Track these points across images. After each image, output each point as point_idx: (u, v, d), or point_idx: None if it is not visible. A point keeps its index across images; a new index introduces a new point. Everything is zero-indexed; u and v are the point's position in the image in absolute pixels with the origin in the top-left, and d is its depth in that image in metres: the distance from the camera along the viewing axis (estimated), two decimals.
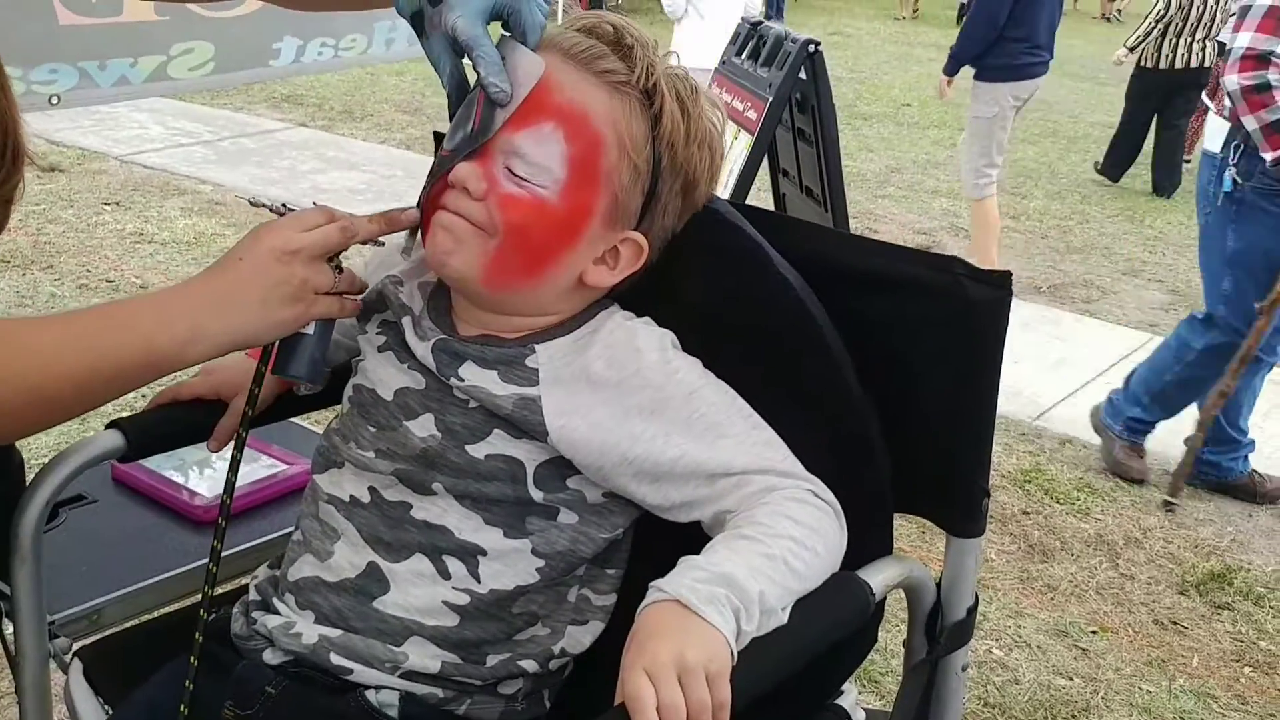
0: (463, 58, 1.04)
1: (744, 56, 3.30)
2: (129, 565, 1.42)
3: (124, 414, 1.26)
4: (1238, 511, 3.41)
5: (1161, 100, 7.35)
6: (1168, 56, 7.12)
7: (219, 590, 1.38)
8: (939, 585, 1.12)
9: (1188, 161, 8.30)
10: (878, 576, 1.04)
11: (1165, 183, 7.55)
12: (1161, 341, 3.54)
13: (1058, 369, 4.42)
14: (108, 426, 1.22)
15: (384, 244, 1.27)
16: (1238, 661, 2.66)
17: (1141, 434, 3.54)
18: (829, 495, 1.03)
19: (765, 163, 3.22)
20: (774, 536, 0.95)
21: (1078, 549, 3.13)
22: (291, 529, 1.50)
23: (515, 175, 1.01)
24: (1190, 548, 3.18)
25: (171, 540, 1.49)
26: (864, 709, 1.26)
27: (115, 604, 1.36)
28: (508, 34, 1.03)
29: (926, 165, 7.71)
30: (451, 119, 1.06)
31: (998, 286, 1.01)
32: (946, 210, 6.57)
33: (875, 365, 1.08)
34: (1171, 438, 3.55)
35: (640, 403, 1.04)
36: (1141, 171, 8.16)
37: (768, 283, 1.08)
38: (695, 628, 0.85)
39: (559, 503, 1.07)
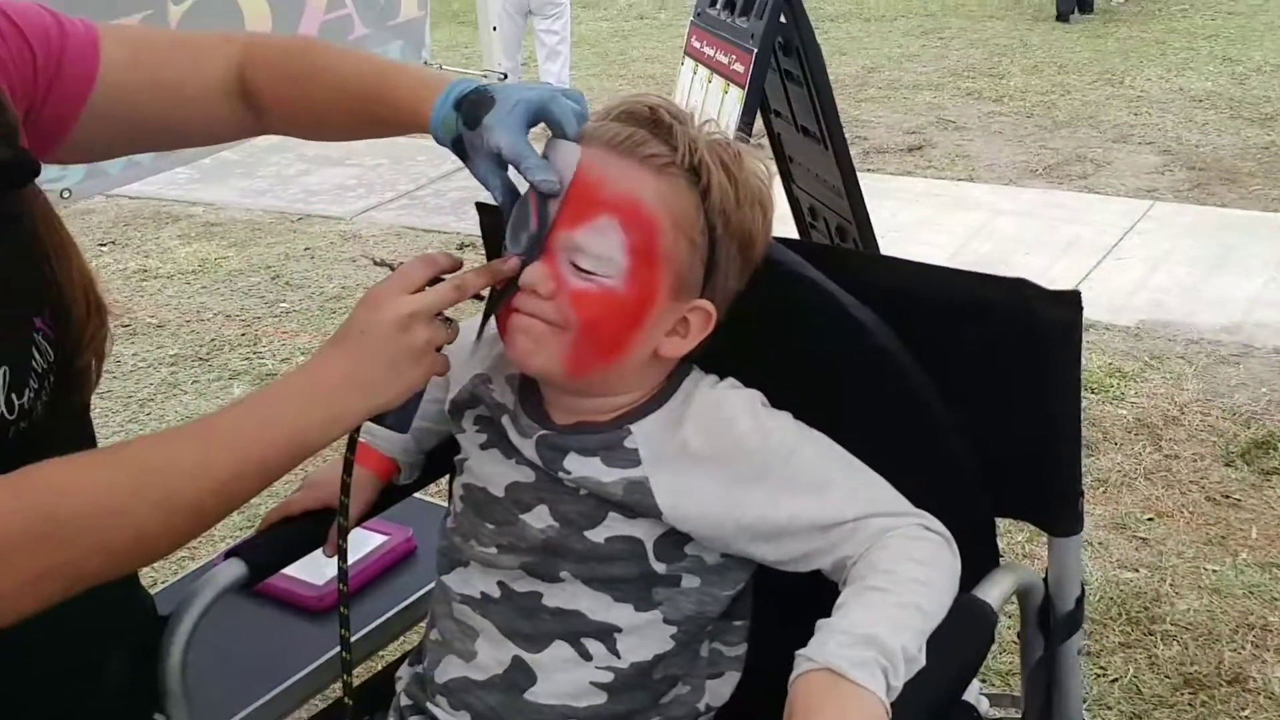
0: (507, 170, 1.08)
1: (719, 7, 3.29)
2: (261, 669, 1.47)
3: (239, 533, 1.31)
4: (1268, 372, 3.46)
5: None
6: None
7: (358, 682, 1.44)
8: (1045, 581, 1.18)
9: None
10: (994, 591, 1.10)
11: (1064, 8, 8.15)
12: None
13: (1069, 252, 4.45)
14: (227, 555, 1.27)
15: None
16: None
17: None
18: (938, 526, 1.09)
19: None
20: (901, 583, 1.01)
21: (1119, 437, 3.18)
22: (409, 599, 1.58)
23: (580, 270, 1.06)
24: (1229, 417, 3.23)
25: (292, 635, 1.54)
26: (984, 695, 1.33)
27: (260, 713, 1.42)
28: (549, 134, 1.07)
29: (901, 60, 7.66)
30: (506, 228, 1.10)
31: (1069, 306, 1.05)
32: (931, 104, 6.54)
33: (957, 388, 1.13)
34: None
35: (743, 472, 1.09)
36: (1115, 28, 8.09)
37: (843, 329, 1.13)
38: (850, 694, 0.92)
39: (680, 570, 1.12)
